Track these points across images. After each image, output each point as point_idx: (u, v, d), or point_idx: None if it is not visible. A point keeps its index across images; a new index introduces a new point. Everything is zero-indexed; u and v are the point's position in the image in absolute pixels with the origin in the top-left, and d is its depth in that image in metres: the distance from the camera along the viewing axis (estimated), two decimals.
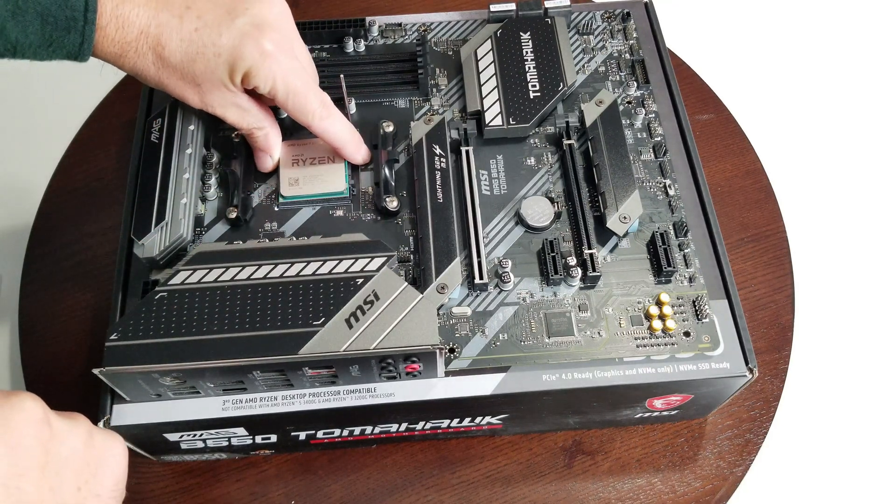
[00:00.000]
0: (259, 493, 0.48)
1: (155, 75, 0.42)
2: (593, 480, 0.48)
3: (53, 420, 0.33)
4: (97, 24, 0.39)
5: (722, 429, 0.50)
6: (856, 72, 0.70)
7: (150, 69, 0.41)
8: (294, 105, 0.43)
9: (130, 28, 0.40)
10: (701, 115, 0.64)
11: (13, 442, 0.31)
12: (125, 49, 0.40)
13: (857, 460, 0.52)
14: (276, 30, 0.42)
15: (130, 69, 0.42)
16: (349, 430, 0.46)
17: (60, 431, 0.33)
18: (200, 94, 0.43)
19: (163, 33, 0.40)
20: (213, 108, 0.43)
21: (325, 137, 0.46)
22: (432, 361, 0.40)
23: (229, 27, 0.41)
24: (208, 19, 0.41)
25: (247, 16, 0.41)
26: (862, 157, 0.65)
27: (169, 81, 0.42)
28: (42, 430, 0.32)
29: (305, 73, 0.44)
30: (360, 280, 0.40)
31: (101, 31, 0.39)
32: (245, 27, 0.41)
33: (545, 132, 0.50)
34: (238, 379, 0.40)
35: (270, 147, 0.46)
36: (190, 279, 0.40)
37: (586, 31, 0.54)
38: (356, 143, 0.47)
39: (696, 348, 0.42)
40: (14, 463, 0.31)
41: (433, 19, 0.55)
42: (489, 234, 0.46)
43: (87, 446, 0.35)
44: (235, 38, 0.41)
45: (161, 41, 0.40)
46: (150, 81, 0.43)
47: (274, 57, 0.41)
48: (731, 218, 0.59)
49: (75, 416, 0.35)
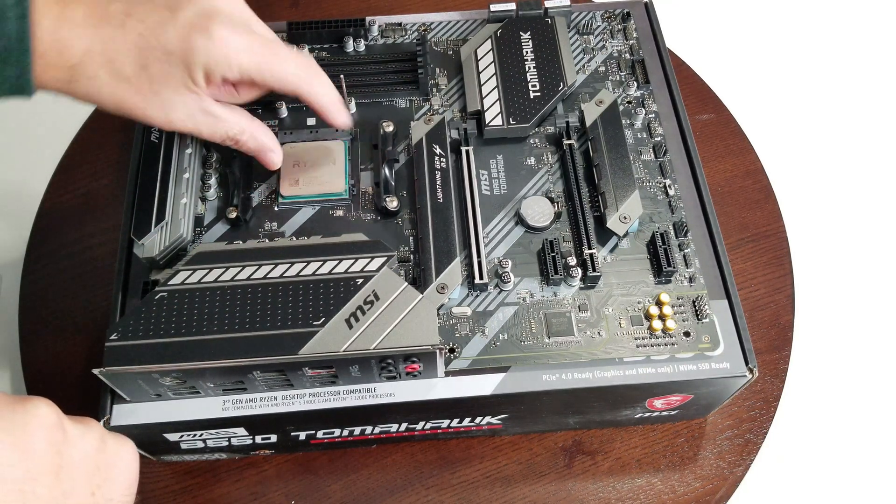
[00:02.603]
0: (259, 493, 0.48)
1: (111, 96, 0.39)
2: (593, 480, 0.48)
3: (67, 425, 0.33)
4: (35, 52, 0.36)
5: (722, 429, 0.50)
6: (856, 72, 0.70)
7: (105, 90, 0.38)
8: (273, 78, 0.41)
9: (73, 51, 0.37)
10: (701, 115, 0.64)
11: (28, 447, 0.31)
12: (74, 74, 0.37)
13: (856, 460, 0.52)
14: (223, 13, 0.39)
15: (84, 95, 0.38)
16: (349, 430, 0.46)
17: (74, 436, 0.34)
18: (164, 109, 0.39)
19: (108, 48, 0.37)
20: (182, 123, 0.40)
21: (312, 101, 0.43)
22: (432, 361, 0.40)
23: (174, 24, 0.38)
24: (151, 21, 0.38)
25: (189, 8, 0.38)
26: (862, 157, 0.65)
27: (128, 100, 0.39)
28: (56, 434, 0.33)
29: (271, 43, 0.41)
30: (360, 280, 0.40)
31: (42, 59, 0.36)
32: (191, 19, 0.38)
33: (545, 132, 0.50)
34: (238, 379, 0.40)
35: (265, 145, 0.44)
36: (190, 279, 0.40)
37: (586, 31, 0.54)
38: (340, 105, 0.45)
39: (696, 348, 0.42)
40: (29, 468, 0.31)
41: (433, 19, 0.55)
42: (489, 234, 0.46)
43: (99, 451, 0.35)
44: (183, 33, 0.38)
45: (109, 57, 0.37)
46: (109, 105, 0.39)
47: (227, 40, 0.38)
48: (731, 218, 0.59)
49: (88, 421, 0.35)
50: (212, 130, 0.41)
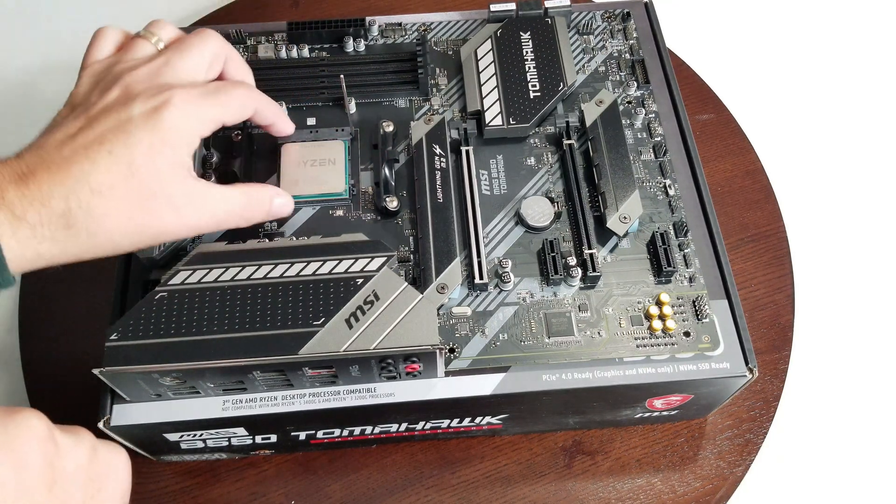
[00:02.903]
0: (259, 493, 0.48)
1: (108, 237, 0.35)
2: (593, 480, 0.48)
3: (58, 436, 0.33)
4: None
5: (722, 429, 0.50)
6: (856, 72, 0.70)
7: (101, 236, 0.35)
8: (231, 121, 0.40)
9: (49, 209, 0.34)
10: (701, 115, 0.64)
11: (20, 462, 0.31)
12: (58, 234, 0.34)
13: (857, 460, 0.52)
14: (157, 88, 0.37)
15: (87, 248, 0.36)
16: (349, 430, 0.46)
17: (65, 447, 0.33)
18: (172, 203, 0.37)
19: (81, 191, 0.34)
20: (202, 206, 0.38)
21: (260, 122, 0.43)
22: (432, 361, 0.40)
23: (129, 124, 0.36)
24: (108, 135, 0.35)
25: (135, 107, 0.36)
26: (862, 157, 0.65)
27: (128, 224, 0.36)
28: (47, 447, 0.32)
29: (212, 95, 0.38)
30: (360, 280, 0.40)
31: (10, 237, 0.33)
32: (139, 118, 0.36)
33: (545, 132, 0.50)
34: (238, 379, 0.40)
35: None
36: (190, 279, 0.40)
37: (586, 31, 0.54)
38: (283, 115, 0.45)
39: (696, 348, 0.42)
40: (22, 482, 0.31)
41: (433, 19, 0.55)
42: (489, 234, 0.46)
43: (91, 461, 0.34)
44: (145, 125, 0.35)
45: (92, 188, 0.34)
46: (105, 247, 0.36)
47: (177, 107, 0.36)
48: (731, 218, 0.59)
49: (78, 431, 0.35)
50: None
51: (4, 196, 0.33)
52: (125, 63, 0.39)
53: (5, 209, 0.33)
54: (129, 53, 0.40)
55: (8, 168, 0.34)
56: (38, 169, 0.34)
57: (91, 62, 0.40)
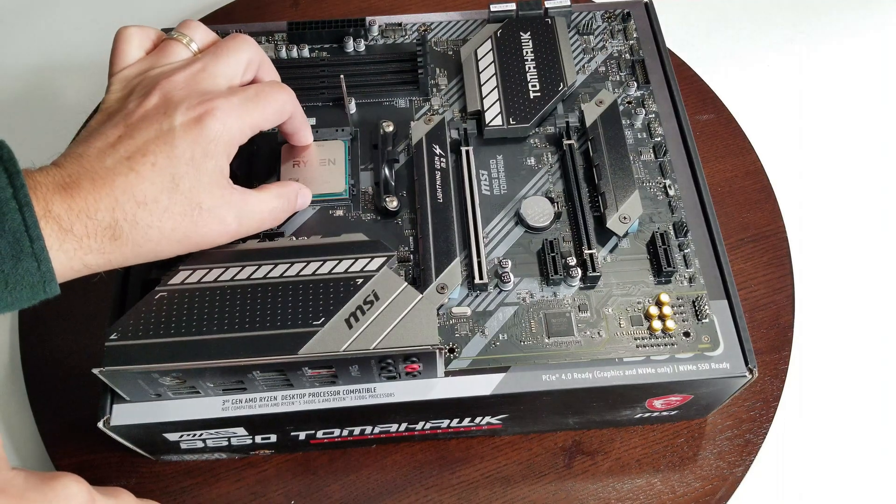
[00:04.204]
0: (259, 493, 0.48)
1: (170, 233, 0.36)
2: (593, 480, 0.48)
3: (99, 501, 0.33)
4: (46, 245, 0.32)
5: (722, 429, 0.50)
6: (856, 72, 0.70)
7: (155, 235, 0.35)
8: (268, 126, 0.41)
9: (98, 216, 0.34)
10: (701, 115, 0.64)
11: None
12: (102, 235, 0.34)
13: (857, 460, 0.52)
14: (211, 103, 0.37)
15: (131, 256, 0.36)
16: (349, 430, 0.46)
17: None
18: (215, 213, 0.37)
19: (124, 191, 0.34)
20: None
21: (288, 128, 0.44)
22: (432, 361, 0.40)
23: (171, 134, 0.36)
24: (159, 156, 0.35)
25: (177, 116, 0.36)
26: (862, 157, 0.65)
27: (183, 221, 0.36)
28: None
29: (252, 100, 0.39)
30: (360, 280, 0.40)
31: (59, 246, 0.33)
32: (181, 128, 0.36)
33: (545, 132, 0.50)
34: (238, 379, 0.40)
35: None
36: (190, 279, 0.40)
37: (586, 31, 0.54)
38: (308, 125, 0.46)
39: (695, 348, 0.42)
40: None
41: (433, 19, 0.55)
42: (489, 234, 0.46)
43: None
44: (187, 136, 0.36)
45: (133, 199, 0.34)
46: (165, 248, 0.37)
47: (220, 132, 0.36)
48: (731, 218, 0.59)
49: (119, 493, 0.34)
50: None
51: (51, 209, 0.32)
52: (161, 68, 0.38)
53: (52, 222, 0.32)
54: (163, 57, 0.39)
55: (49, 178, 0.33)
56: (81, 179, 0.34)
57: (120, 67, 0.39)
